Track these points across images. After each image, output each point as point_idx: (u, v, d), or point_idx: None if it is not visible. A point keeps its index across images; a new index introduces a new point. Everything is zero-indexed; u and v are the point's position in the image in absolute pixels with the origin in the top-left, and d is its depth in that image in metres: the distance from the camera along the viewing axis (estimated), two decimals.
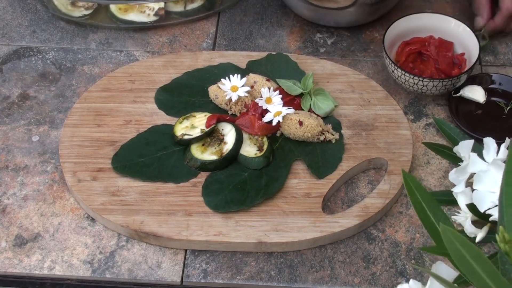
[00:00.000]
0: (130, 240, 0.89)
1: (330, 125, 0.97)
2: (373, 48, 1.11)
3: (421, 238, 0.89)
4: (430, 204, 0.65)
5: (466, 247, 0.54)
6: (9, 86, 1.06)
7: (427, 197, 0.65)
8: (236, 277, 0.86)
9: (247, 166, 0.93)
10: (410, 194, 0.65)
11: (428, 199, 0.65)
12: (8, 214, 0.91)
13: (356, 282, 0.85)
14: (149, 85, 1.03)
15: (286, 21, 1.16)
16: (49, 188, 0.94)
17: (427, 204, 0.65)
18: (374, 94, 1.02)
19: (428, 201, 0.65)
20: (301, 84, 1.00)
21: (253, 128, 0.95)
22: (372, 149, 0.95)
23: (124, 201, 0.90)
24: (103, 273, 0.86)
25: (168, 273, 0.86)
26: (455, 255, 0.55)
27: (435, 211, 0.65)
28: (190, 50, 1.11)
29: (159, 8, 1.13)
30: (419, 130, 1.00)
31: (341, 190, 0.93)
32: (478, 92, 1.01)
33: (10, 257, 0.87)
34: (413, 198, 0.65)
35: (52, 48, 1.11)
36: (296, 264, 0.87)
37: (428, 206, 0.65)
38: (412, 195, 0.65)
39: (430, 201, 0.65)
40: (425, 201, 0.65)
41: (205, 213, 0.89)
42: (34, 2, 1.18)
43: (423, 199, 0.65)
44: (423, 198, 0.65)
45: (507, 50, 1.11)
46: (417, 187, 0.65)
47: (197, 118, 0.97)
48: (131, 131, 0.97)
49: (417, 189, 0.65)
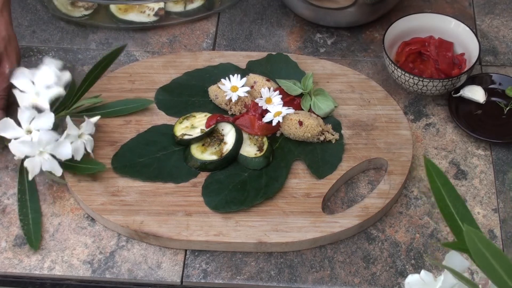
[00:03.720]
0: (130, 240, 0.89)
1: (330, 125, 0.97)
2: (373, 48, 1.11)
3: (421, 238, 0.89)
4: (450, 193, 0.63)
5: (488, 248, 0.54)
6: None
7: (448, 185, 0.63)
8: (236, 277, 0.86)
9: (247, 166, 0.93)
10: (431, 181, 0.63)
11: (449, 188, 0.63)
12: (8, 214, 0.91)
13: (356, 282, 0.85)
14: (149, 85, 1.03)
15: (286, 21, 1.16)
16: (49, 188, 0.94)
17: (447, 193, 0.63)
18: (374, 94, 1.02)
19: (448, 190, 0.63)
20: (301, 84, 1.00)
21: (253, 128, 0.95)
22: (372, 149, 0.95)
23: (124, 201, 0.90)
24: (103, 273, 0.86)
25: (168, 273, 0.86)
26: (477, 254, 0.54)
27: (455, 201, 0.63)
28: (190, 50, 1.11)
29: (159, 8, 1.13)
30: (419, 130, 1.00)
31: (341, 190, 0.93)
32: (478, 92, 1.01)
33: (10, 257, 0.87)
34: (433, 185, 0.63)
35: (52, 48, 1.11)
36: (296, 264, 0.87)
37: (448, 195, 0.63)
38: (432, 182, 0.64)
39: (450, 190, 0.63)
40: (445, 189, 0.63)
41: (205, 213, 0.89)
42: (34, 2, 1.18)
43: (443, 187, 0.64)
44: (444, 187, 0.64)
45: (507, 50, 1.11)
46: (438, 174, 0.64)
47: (197, 118, 0.97)
48: (131, 131, 0.97)
49: (438, 177, 0.64)
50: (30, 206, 0.90)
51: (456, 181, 0.94)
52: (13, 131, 0.88)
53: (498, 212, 0.91)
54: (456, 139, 0.99)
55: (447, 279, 0.61)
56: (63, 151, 0.88)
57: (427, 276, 0.63)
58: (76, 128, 0.89)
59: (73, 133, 0.89)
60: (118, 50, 0.97)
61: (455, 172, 0.95)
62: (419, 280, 0.63)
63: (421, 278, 0.63)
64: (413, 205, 0.92)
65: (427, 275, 0.62)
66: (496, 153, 0.97)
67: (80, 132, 0.90)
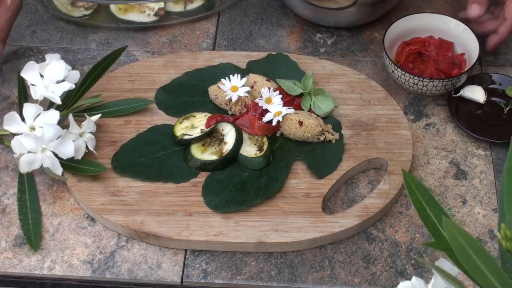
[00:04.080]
0: (130, 240, 0.89)
1: (330, 125, 0.97)
2: (373, 48, 1.11)
3: (421, 238, 0.89)
4: (430, 203, 0.65)
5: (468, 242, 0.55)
6: (9, 86, 1.06)
7: (427, 196, 0.66)
8: (236, 277, 0.86)
9: (247, 166, 0.93)
10: (411, 194, 0.66)
11: (428, 198, 0.66)
12: (8, 214, 0.91)
13: (356, 282, 0.85)
14: (149, 85, 1.03)
15: (286, 21, 1.16)
16: (49, 188, 0.94)
17: (427, 203, 0.65)
18: (374, 94, 1.02)
19: (428, 200, 0.65)
20: (301, 84, 1.00)
21: (253, 128, 0.95)
22: (372, 149, 0.95)
23: (124, 201, 0.90)
24: (103, 273, 0.86)
25: (168, 273, 0.86)
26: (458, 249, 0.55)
27: (436, 210, 0.65)
28: (190, 50, 1.11)
29: (159, 8, 1.13)
30: (419, 130, 1.00)
31: (341, 190, 0.93)
32: (478, 92, 1.01)
33: (10, 257, 0.87)
34: (413, 198, 0.66)
35: (52, 48, 1.11)
36: (296, 264, 0.87)
37: (429, 205, 0.65)
38: (412, 195, 0.66)
39: (430, 200, 0.65)
40: (425, 200, 0.65)
41: (205, 213, 0.89)
42: (34, 2, 1.18)
43: (424, 198, 0.65)
44: (424, 197, 0.65)
45: (507, 50, 1.11)
46: (417, 186, 0.66)
47: (197, 118, 0.97)
48: (131, 131, 0.97)
49: (417, 188, 0.66)
50: (30, 206, 0.90)
51: (456, 181, 0.94)
52: (17, 126, 0.88)
53: (498, 212, 0.91)
54: (456, 139, 0.99)
55: (437, 283, 0.62)
56: (66, 149, 0.88)
57: (418, 282, 0.63)
58: (77, 127, 0.89)
59: (75, 131, 0.89)
60: (119, 51, 0.97)
61: (455, 172, 0.95)
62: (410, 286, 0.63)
63: (412, 284, 0.63)
64: (413, 205, 0.92)
65: (418, 281, 0.63)
66: (496, 153, 0.97)
67: (81, 130, 0.90)
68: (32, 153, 0.87)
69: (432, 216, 0.65)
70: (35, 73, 0.93)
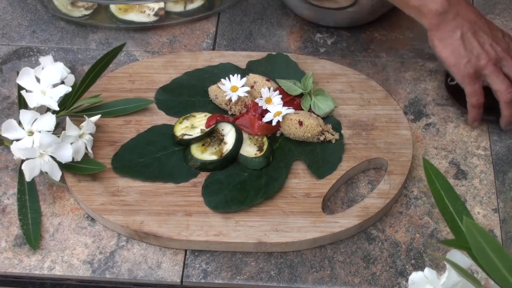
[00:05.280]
0: (130, 240, 0.89)
1: (330, 125, 0.97)
2: (373, 48, 1.11)
3: (421, 238, 0.89)
4: (449, 194, 0.64)
5: (488, 241, 0.54)
6: (9, 86, 1.06)
7: (446, 186, 0.64)
8: (236, 277, 0.86)
9: (247, 166, 0.93)
10: (430, 183, 0.64)
11: (447, 188, 0.64)
12: (8, 214, 0.91)
13: (356, 282, 0.85)
14: (149, 85, 1.03)
15: (286, 21, 1.16)
16: (49, 188, 0.94)
17: (445, 193, 0.64)
18: (374, 94, 1.02)
19: (447, 190, 0.64)
20: (301, 84, 1.00)
21: (253, 128, 0.95)
22: (372, 149, 0.95)
23: (124, 201, 0.90)
24: (103, 273, 0.86)
25: (168, 273, 0.86)
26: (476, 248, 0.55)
27: (454, 201, 0.64)
28: (190, 50, 1.11)
29: (159, 8, 1.13)
30: (419, 130, 1.00)
31: (341, 190, 0.93)
32: None
33: (10, 257, 0.87)
34: (432, 187, 0.64)
35: (52, 48, 1.11)
36: (296, 264, 0.87)
37: (447, 196, 0.64)
38: (431, 184, 0.64)
39: (449, 190, 0.64)
40: (444, 189, 0.64)
41: (205, 213, 0.89)
42: (34, 2, 1.18)
43: (442, 188, 0.64)
44: (442, 187, 0.64)
45: None
46: (437, 176, 0.64)
47: (197, 118, 0.97)
48: (131, 131, 0.97)
49: (437, 178, 0.64)
50: (29, 206, 0.90)
51: (456, 181, 0.94)
52: (15, 133, 0.88)
53: (498, 212, 0.91)
54: (456, 139, 0.99)
55: (451, 275, 0.61)
56: (64, 153, 0.88)
57: (431, 274, 0.63)
58: (76, 128, 0.89)
59: (74, 133, 0.89)
60: (117, 49, 0.97)
61: (455, 172, 0.95)
62: (423, 277, 0.63)
63: (425, 276, 0.63)
64: (413, 205, 0.92)
65: (430, 273, 0.63)
66: (496, 153, 0.97)
67: (81, 132, 0.90)
68: (31, 159, 0.87)
69: (450, 207, 0.64)
70: (31, 78, 0.92)
